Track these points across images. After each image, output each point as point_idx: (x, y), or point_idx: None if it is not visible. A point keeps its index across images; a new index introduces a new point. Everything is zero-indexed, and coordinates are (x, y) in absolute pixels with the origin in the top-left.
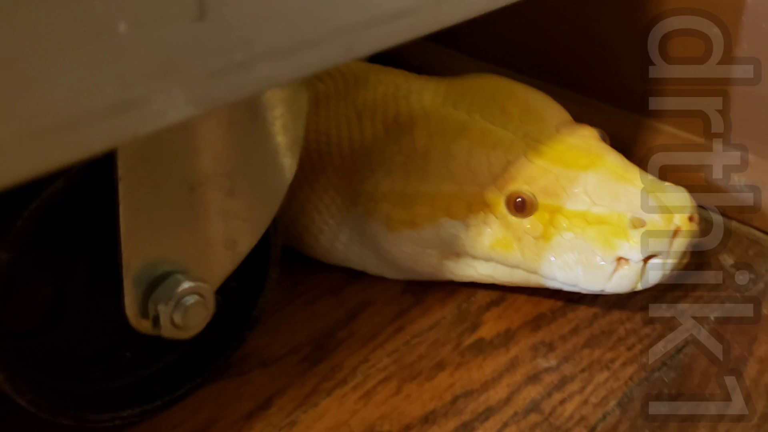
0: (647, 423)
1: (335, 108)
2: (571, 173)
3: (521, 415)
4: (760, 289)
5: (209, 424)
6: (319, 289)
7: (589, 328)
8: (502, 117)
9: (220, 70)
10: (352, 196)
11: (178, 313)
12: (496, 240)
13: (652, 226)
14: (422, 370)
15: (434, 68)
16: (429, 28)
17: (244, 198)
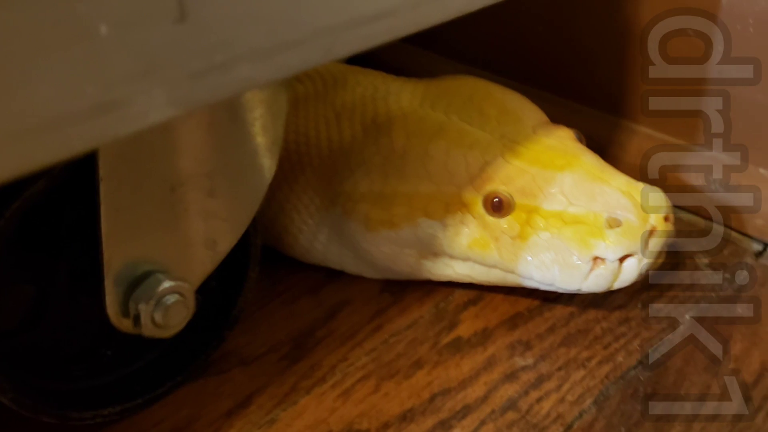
0: (623, 421)
1: (314, 109)
2: (548, 174)
3: (498, 413)
4: (735, 289)
5: (189, 422)
6: (299, 289)
7: (565, 327)
8: (479, 118)
9: (201, 72)
10: (331, 196)
11: (158, 312)
12: (473, 240)
13: (627, 226)
14: (400, 369)
15: (412, 70)
16: (407, 30)
17: (224, 198)
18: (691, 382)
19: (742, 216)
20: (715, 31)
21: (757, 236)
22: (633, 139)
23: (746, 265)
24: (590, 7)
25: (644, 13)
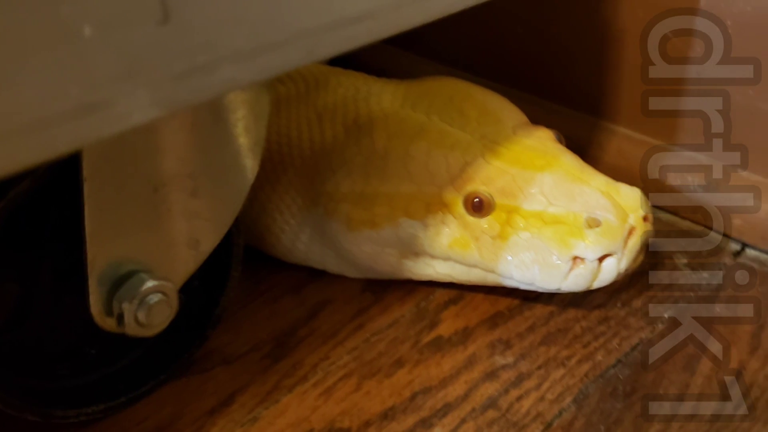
0: (603, 419)
1: (296, 110)
2: (528, 174)
3: (479, 411)
4: (714, 288)
5: (173, 420)
6: (281, 288)
7: (545, 326)
8: (460, 119)
9: (184, 73)
10: (312, 196)
11: (142, 311)
12: (454, 239)
13: (607, 226)
14: (381, 367)
15: (393, 71)
16: (388, 31)
17: (206, 198)
18: (670, 381)
19: (721, 216)
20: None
21: (736, 236)
22: (612, 140)
23: (725, 265)
24: (569, 9)
25: (623, 15)
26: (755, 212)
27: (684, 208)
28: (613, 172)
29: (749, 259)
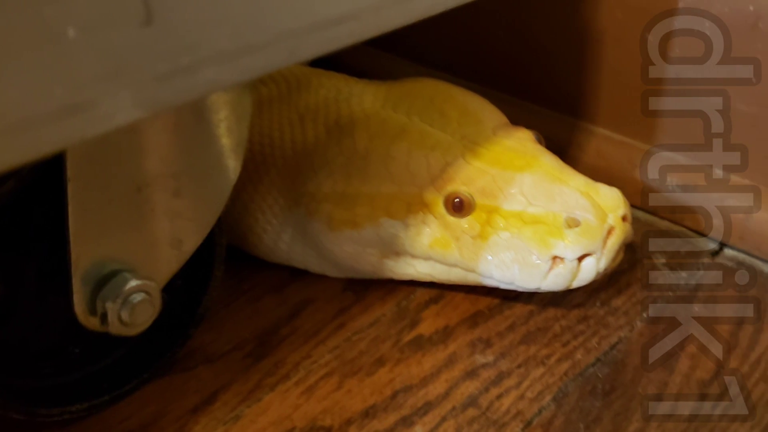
0: (582, 417)
1: (278, 111)
2: (508, 174)
3: (459, 409)
4: (692, 288)
5: (156, 418)
6: (263, 287)
7: (525, 325)
8: (440, 120)
9: (167, 74)
10: (294, 196)
11: (125, 310)
12: (434, 239)
13: (586, 226)
14: (363, 366)
15: (374, 72)
16: (369, 33)
17: (189, 198)
18: (649, 379)
19: (699, 216)
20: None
21: (714, 236)
22: (591, 141)
23: (703, 264)
24: (549, 11)
25: (602, 17)
26: (733, 212)
27: (663, 208)
28: (592, 173)
29: (727, 259)
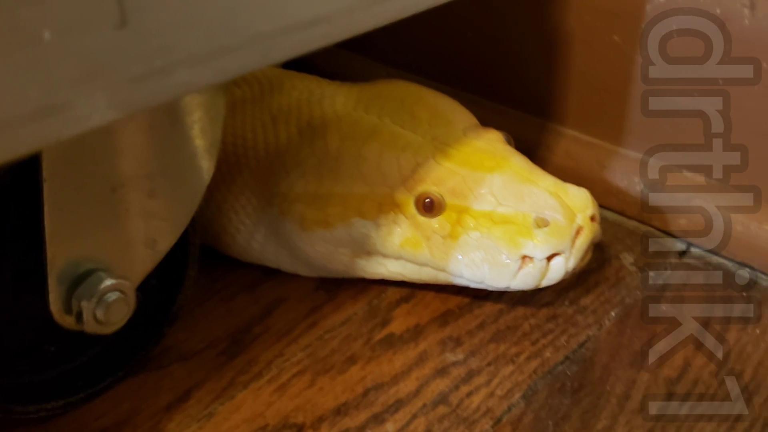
0: (551, 414)
1: (251, 112)
2: (478, 175)
3: (430, 407)
4: (660, 287)
5: (130, 415)
6: (236, 286)
7: (494, 323)
8: (411, 121)
9: (141, 76)
10: (267, 197)
11: (100, 309)
12: (405, 239)
13: (555, 226)
14: (335, 364)
15: (346, 74)
16: (341, 35)
17: (163, 199)
18: (617, 377)
19: (666, 216)
20: (635, 37)
21: (681, 236)
22: (560, 141)
23: (670, 263)
24: (518, 13)
25: (570, 19)
26: (700, 212)
27: (630, 207)
28: (561, 173)
29: (694, 258)
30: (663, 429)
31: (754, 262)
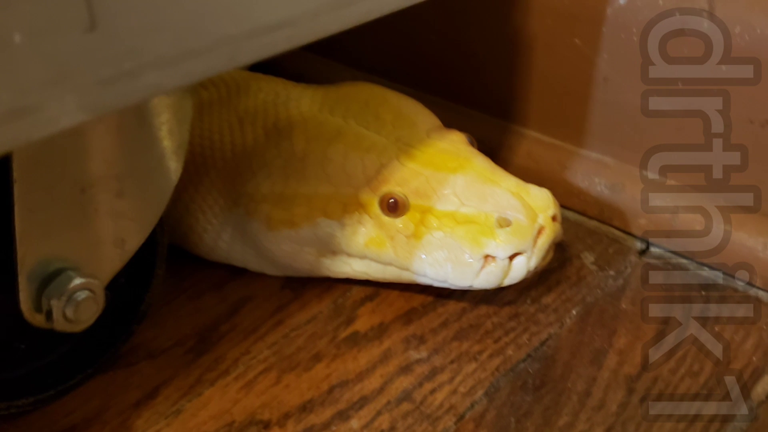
0: (513, 411)
1: (218, 114)
2: (441, 175)
3: (394, 403)
4: (620, 285)
5: (99, 412)
6: (203, 285)
7: (458, 321)
8: (375, 123)
9: (110, 79)
10: (234, 197)
11: (70, 307)
12: (370, 239)
13: (517, 226)
14: (300, 362)
15: (312, 76)
16: (307, 38)
17: (132, 199)
18: (578, 374)
19: (626, 216)
20: (597, 41)
21: (641, 235)
22: (522, 143)
23: (630, 262)
24: (481, 17)
25: (533, 23)
26: (659, 212)
27: (591, 208)
28: (522, 174)
29: (654, 258)
30: (623, 426)
31: (713, 261)
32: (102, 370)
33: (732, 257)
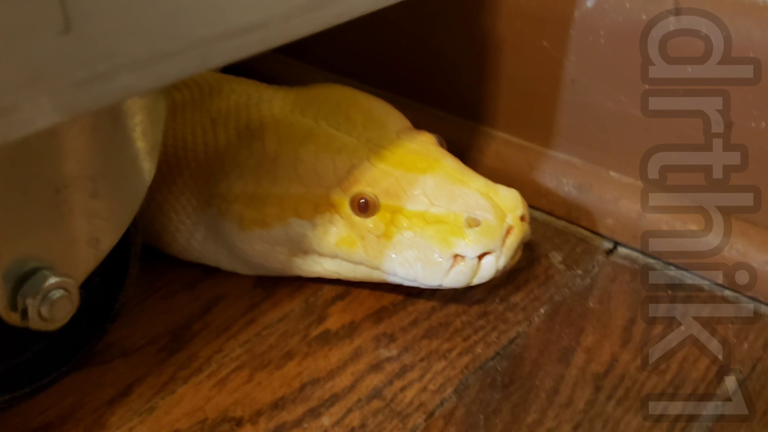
0: (482, 408)
1: (191, 115)
2: (411, 176)
3: (365, 401)
4: (587, 285)
5: (74, 409)
6: (177, 284)
7: (427, 320)
8: (346, 124)
9: (84, 80)
10: (206, 197)
11: (45, 306)
12: (341, 238)
13: (486, 226)
14: (272, 360)
15: (283, 78)
16: (278, 41)
17: (106, 199)
18: (546, 372)
19: (594, 216)
20: (565, 43)
21: (608, 235)
22: (491, 144)
23: (598, 262)
24: (450, 20)
25: (501, 26)
26: (626, 212)
27: (559, 208)
28: (491, 175)
29: (621, 257)
30: (591, 423)
31: (680, 261)
32: (76, 368)
33: (700, 256)
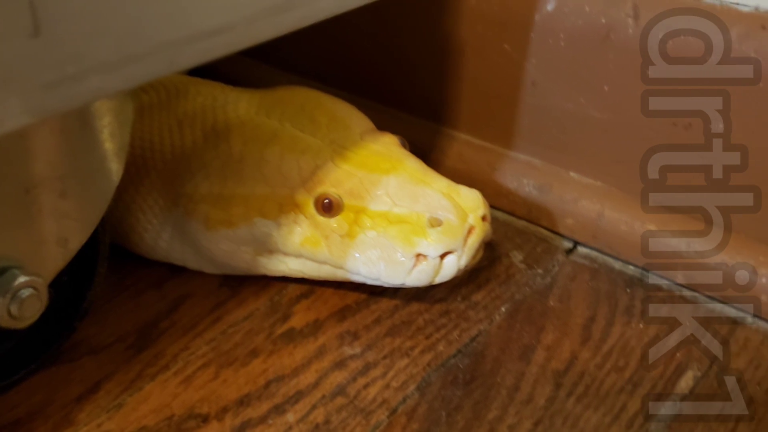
0: (444, 405)
1: (158, 117)
2: (374, 177)
3: (329, 398)
4: (548, 283)
5: (42, 406)
6: (144, 283)
7: (390, 318)
8: (311, 125)
9: (54, 83)
10: (173, 197)
11: (14, 304)
12: (305, 238)
13: (448, 225)
14: (238, 357)
15: (248, 81)
16: (244, 44)
17: (75, 199)
18: (507, 369)
19: (554, 216)
20: (526, 46)
21: (568, 235)
22: (453, 145)
23: (558, 261)
24: (413, 24)
25: (463, 29)
26: (586, 213)
27: (520, 208)
28: (453, 175)
29: (581, 257)
30: (551, 419)
31: (639, 260)
32: (45, 366)
33: (659, 256)
